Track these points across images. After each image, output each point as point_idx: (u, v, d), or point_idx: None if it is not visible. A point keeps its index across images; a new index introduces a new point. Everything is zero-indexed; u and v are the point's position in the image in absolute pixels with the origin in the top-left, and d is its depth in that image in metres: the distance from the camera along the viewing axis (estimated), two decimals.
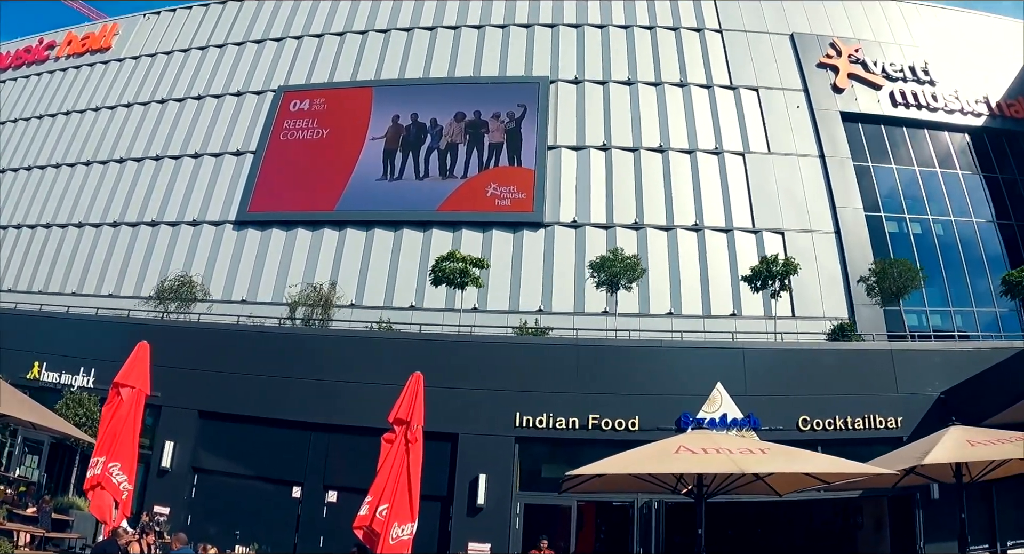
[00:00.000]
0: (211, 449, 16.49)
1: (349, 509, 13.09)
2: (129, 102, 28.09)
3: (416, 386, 9.12)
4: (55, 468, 18.03)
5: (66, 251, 25.84)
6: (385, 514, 8.36)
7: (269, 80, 25.65)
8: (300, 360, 16.30)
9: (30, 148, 29.72)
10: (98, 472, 8.65)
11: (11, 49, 35.32)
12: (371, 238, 21.64)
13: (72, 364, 18.09)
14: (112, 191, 26.01)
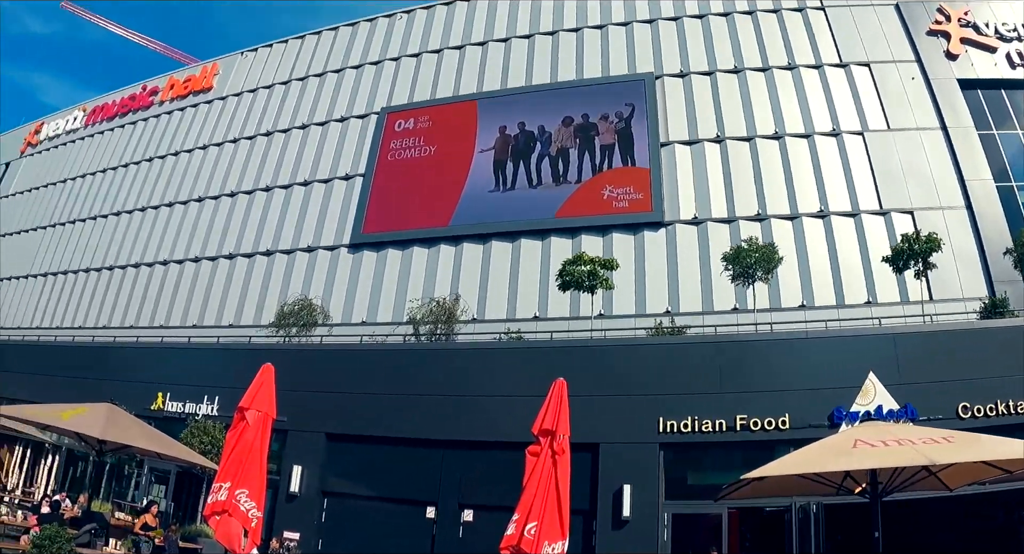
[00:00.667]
0: (340, 472, 17.57)
1: (486, 528, 14.23)
2: (235, 137, 31.59)
3: (560, 393, 9.12)
4: (182, 496, 20.01)
5: (184, 285, 29.33)
6: (534, 532, 8.34)
7: (371, 103, 28.45)
8: (427, 376, 17.28)
9: (143, 190, 33.82)
10: (222, 498, 8.75)
11: (116, 98, 40.12)
12: (488, 250, 23.57)
13: (195, 393, 20.16)
14: (226, 224, 29.30)
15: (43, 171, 43.50)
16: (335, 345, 21.07)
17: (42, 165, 44.30)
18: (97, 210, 36.18)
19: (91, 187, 37.99)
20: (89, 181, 38.39)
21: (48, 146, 44.89)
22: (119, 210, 34.57)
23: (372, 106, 28.59)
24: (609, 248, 22.21)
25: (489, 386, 16.29)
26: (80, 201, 38.06)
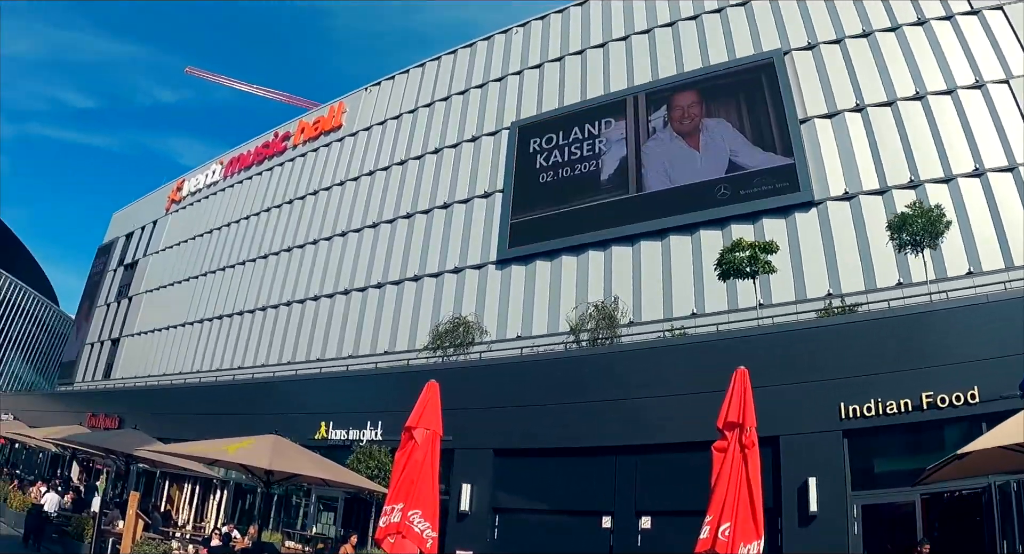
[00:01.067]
0: (510, 487, 17.89)
1: (666, 535, 14.80)
2: (371, 170, 34.73)
3: (743, 383, 8.99)
4: (351, 522, 21.08)
5: (337, 318, 32.62)
6: (728, 534, 8.24)
7: (500, 119, 30.72)
8: (591, 383, 17.69)
9: (286, 231, 37.66)
10: (396, 520, 9.10)
11: (250, 148, 44.41)
12: (638, 252, 24.95)
13: (358, 419, 21.69)
14: (371, 255, 32.38)
15: (189, 225, 48.65)
16: (495, 360, 22.10)
17: (187, 219, 49.51)
18: (244, 255, 40.38)
19: (236, 234, 42.37)
20: (234, 229, 42.78)
21: (191, 201, 50.11)
22: (266, 253, 38.44)
23: (502, 122, 30.83)
24: (761, 234, 22.70)
25: (656, 387, 16.36)
26: (227, 249, 42.56)
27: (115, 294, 56.05)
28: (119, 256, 58.41)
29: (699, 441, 11.33)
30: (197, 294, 43.84)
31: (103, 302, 57.46)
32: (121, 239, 59.40)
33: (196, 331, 42.10)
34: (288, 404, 24.83)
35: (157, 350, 45.45)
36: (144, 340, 48.07)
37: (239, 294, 39.62)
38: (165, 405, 31.04)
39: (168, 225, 52.12)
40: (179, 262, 47.89)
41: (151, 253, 52.80)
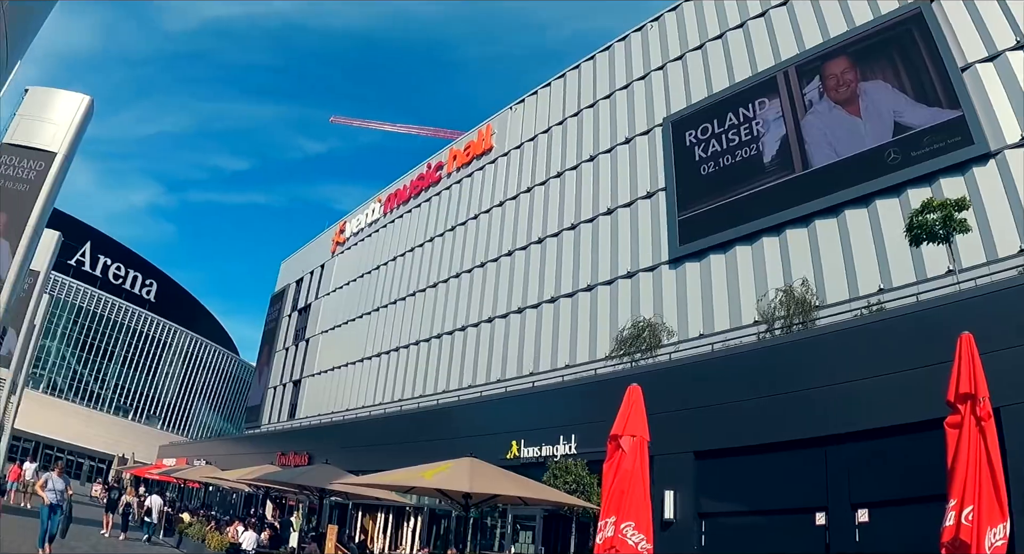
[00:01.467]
0: (713, 491, 17.75)
1: (887, 527, 14.09)
2: (528, 187, 37.24)
3: (970, 350, 8.46)
4: (551, 540, 21.46)
5: (513, 337, 35.40)
6: (972, 518, 7.85)
7: (652, 116, 32.34)
8: (793, 372, 17.31)
9: (452, 258, 41.58)
10: (610, 534, 9.12)
11: (406, 182, 48.46)
12: (813, 231, 25.62)
13: (550, 435, 22.10)
14: (541, 271, 34.94)
15: (355, 264, 53.41)
16: (685, 360, 22.05)
17: (353, 259, 54.30)
18: (414, 286, 44.34)
19: (402, 267, 46.41)
20: (400, 262, 46.85)
21: (355, 241, 54.87)
22: (434, 281, 42.01)
23: (653, 119, 32.34)
24: (940, 195, 21.73)
25: (865, 368, 15.59)
26: (395, 282, 46.83)
27: (292, 338, 61.87)
28: (292, 302, 64.33)
29: (918, 421, 11.80)
30: (371, 329, 48.15)
31: (281, 347, 63.54)
32: (292, 285, 65.37)
33: (374, 365, 46.25)
34: (476, 426, 26.11)
35: (338, 387, 50.20)
36: (325, 379, 53.04)
37: (412, 325, 43.35)
38: (352, 439, 33.79)
39: (335, 267, 57.20)
40: (350, 301, 52.62)
41: (322, 295, 58.01)
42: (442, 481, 13.04)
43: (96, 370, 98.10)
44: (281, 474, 24.07)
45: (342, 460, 26.10)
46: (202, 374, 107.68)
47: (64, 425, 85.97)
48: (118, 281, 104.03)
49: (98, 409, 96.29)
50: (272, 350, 65.71)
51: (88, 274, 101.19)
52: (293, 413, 56.48)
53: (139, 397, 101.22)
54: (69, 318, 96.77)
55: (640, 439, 9.78)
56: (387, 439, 30.44)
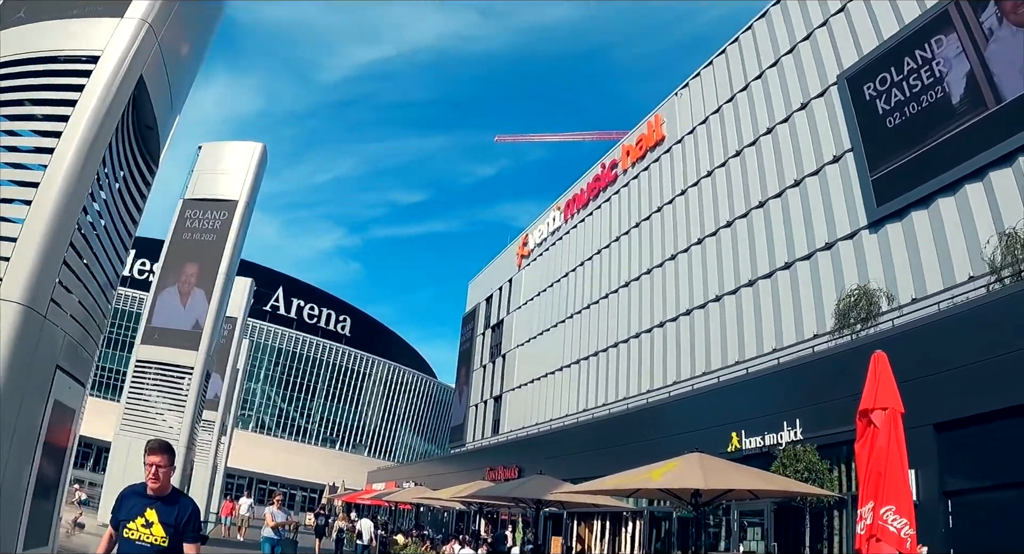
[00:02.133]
0: (959, 466, 16.84)
1: None
2: (708, 171, 38.35)
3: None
4: (783, 534, 20.79)
5: (714, 326, 36.52)
6: None
7: (824, 77, 32.56)
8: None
9: (641, 255, 43.61)
10: (869, 522, 8.66)
11: (582, 186, 50.56)
12: (1018, 170, 24.70)
13: (772, 422, 21.84)
14: (734, 255, 36.10)
15: (542, 275, 56.07)
16: (909, 325, 20.70)
17: (540, 270, 56.94)
18: (606, 288, 46.61)
19: (590, 271, 48.63)
20: (587, 266, 49.00)
21: (539, 252, 57.51)
22: (625, 280, 43.91)
23: (826, 79, 32.49)
24: None
25: None
26: (584, 287, 49.22)
27: (488, 355, 65.12)
28: (484, 320, 67.74)
29: None
30: (567, 337, 50.38)
31: (478, 365, 67.00)
32: (482, 304, 68.74)
33: (574, 373, 48.32)
34: (690, 422, 26.33)
35: (540, 398, 52.90)
36: (525, 392, 55.76)
37: (608, 327, 45.17)
38: (561, 448, 35.17)
39: (523, 280, 59.95)
40: (542, 312, 55.10)
41: (513, 310, 60.84)
42: (671, 480, 12.66)
43: (301, 406, 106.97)
44: (497, 488, 24.49)
45: (553, 470, 26.35)
46: (403, 400, 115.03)
47: (275, 460, 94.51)
48: (313, 320, 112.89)
49: (306, 442, 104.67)
50: (469, 369, 69.26)
51: (284, 317, 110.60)
52: (497, 428, 59.54)
53: (344, 428, 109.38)
54: (270, 360, 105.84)
55: (893, 412, 8.98)
56: (597, 445, 31.58)
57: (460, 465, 49.68)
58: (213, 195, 25.98)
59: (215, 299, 24.60)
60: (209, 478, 37.15)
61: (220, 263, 24.77)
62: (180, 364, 24.10)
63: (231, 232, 25.08)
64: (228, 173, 26.23)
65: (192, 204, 26.25)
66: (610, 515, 30.04)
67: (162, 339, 24.88)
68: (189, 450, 23.96)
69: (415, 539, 31.37)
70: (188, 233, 25.84)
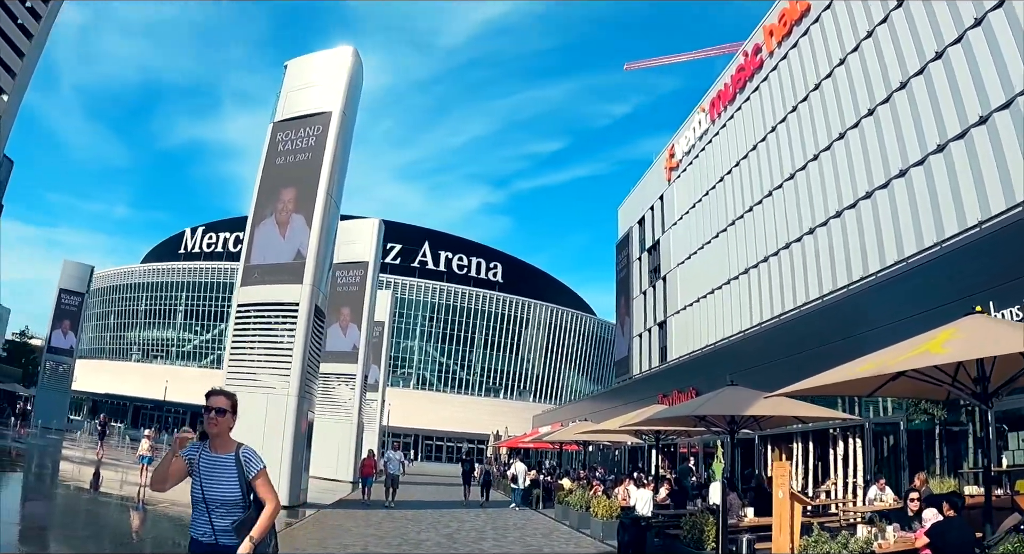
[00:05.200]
0: None
1: None
2: (868, 31, 35.26)
3: None
4: None
5: (903, 206, 32.92)
6: None
7: None
8: None
9: (803, 141, 40.54)
10: None
11: (725, 80, 48.16)
12: None
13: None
14: (915, 120, 32.43)
15: (695, 184, 53.85)
16: None
17: (692, 179, 54.56)
18: (768, 185, 44.17)
19: (747, 171, 46.12)
20: (743, 166, 46.70)
21: (688, 161, 55.05)
22: (790, 173, 41.47)
23: None
24: None
25: None
26: (743, 190, 46.95)
27: (647, 280, 63.34)
28: (638, 243, 65.89)
29: None
30: (731, 246, 47.92)
31: (638, 292, 65.36)
32: (634, 228, 66.85)
33: (743, 284, 45.94)
34: (908, 306, 21.07)
35: (708, 317, 50.83)
36: (691, 312, 53.76)
37: (777, 227, 42.47)
38: (744, 361, 31.94)
39: (675, 193, 57.66)
40: (700, 223, 52.73)
41: (668, 228, 58.73)
42: (961, 350, 8.28)
43: (460, 358, 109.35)
44: (678, 409, 19.53)
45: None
46: (563, 341, 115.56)
47: (439, 415, 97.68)
48: (463, 271, 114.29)
49: (469, 394, 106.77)
50: (629, 298, 67.77)
51: (433, 271, 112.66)
52: (664, 356, 57.76)
53: (506, 376, 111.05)
54: (424, 315, 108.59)
55: None
56: (789, 351, 28.13)
57: (627, 397, 48.04)
58: (303, 111, 24.67)
59: (316, 222, 23.31)
60: (355, 434, 37.94)
61: (319, 182, 23.52)
62: (284, 301, 23.23)
63: (327, 146, 23.75)
64: (317, 85, 24.85)
65: (282, 126, 24.97)
66: (812, 435, 26.06)
67: (262, 277, 23.90)
68: (302, 400, 22.97)
69: (583, 483, 28.98)
70: (281, 157, 24.70)
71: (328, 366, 38.56)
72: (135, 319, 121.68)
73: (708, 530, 13.76)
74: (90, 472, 28.57)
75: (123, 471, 29.86)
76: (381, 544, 16.07)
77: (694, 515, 15.03)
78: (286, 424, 22.16)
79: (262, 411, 21.85)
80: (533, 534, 21.05)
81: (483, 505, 30.90)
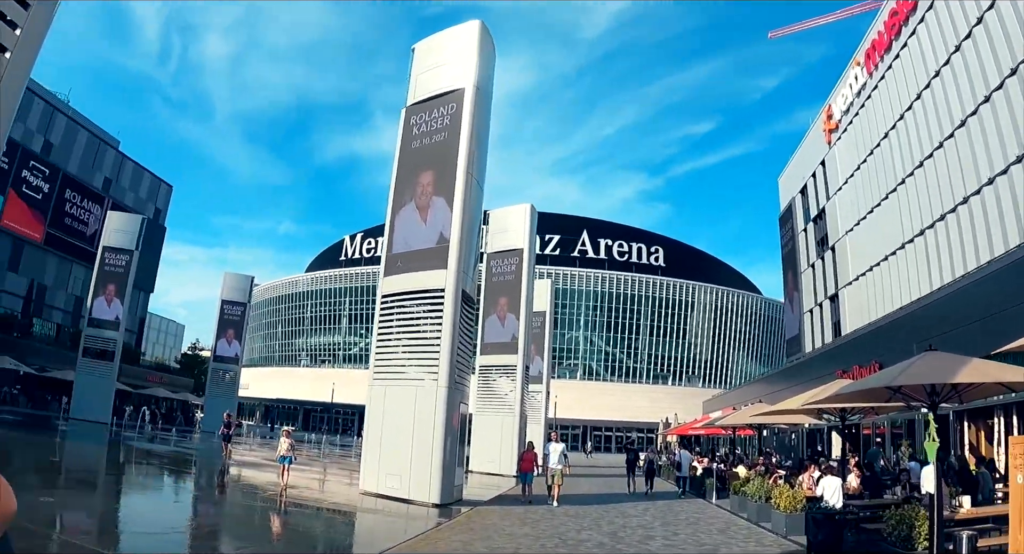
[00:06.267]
0: None
1: None
2: None
3: None
4: None
5: None
6: None
7: None
8: None
9: (972, 80, 36.64)
10: None
11: (879, 28, 45.53)
12: None
13: None
14: None
15: (858, 142, 51.35)
16: None
17: (854, 138, 52.03)
18: (939, 134, 40.80)
19: (915, 120, 42.96)
20: (910, 116, 43.65)
21: (848, 120, 52.39)
22: (962, 117, 37.61)
23: None
24: None
25: None
26: (912, 140, 43.39)
27: (814, 253, 60.37)
28: (802, 214, 63.13)
29: None
30: (902, 208, 44.95)
31: (805, 265, 62.48)
32: (796, 198, 64.06)
33: (920, 246, 42.87)
34: None
35: (884, 285, 47.79)
36: (864, 282, 50.82)
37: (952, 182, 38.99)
38: (928, 330, 29.06)
39: (837, 157, 54.79)
40: (866, 186, 49.81)
41: (833, 194, 55.89)
42: None
43: (626, 346, 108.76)
44: (871, 380, 15.87)
45: None
46: (730, 323, 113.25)
47: (608, 405, 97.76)
48: (623, 257, 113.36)
49: (636, 383, 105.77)
50: (796, 273, 65.07)
51: (593, 259, 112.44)
52: (838, 331, 54.83)
53: (673, 362, 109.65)
54: (587, 305, 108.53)
55: None
56: (982, 313, 25.64)
57: (801, 376, 45.92)
58: (435, 91, 24.04)
59: (458, 202, 22.36)
60: (517, 427, 37.20)
61: (457, 160, 22.65)
62: (429, 288, 22.33)
63: (463, 123, 22.88)
64: (447, 64, 24.19)
65: (415, 109, 24.54)
66: (1017, 408, 23.35)
67: (405, 265, 23.21)
68: (453, 391, 21.58)
69: (760, 470, 27.48)
70: (416, 140, 24.19)
71: (487, 358, 39.07)
72: (302, 326, 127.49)
73: (920, 525, 11.63)
74: (250, 474, 29.17)
75: (264, 471, 29.51)
76: (535, 546, 14.56)
77: (900, 507, 12.93)
78: (436, 418, 21.09)
79: (411, 406, 21.49)
80: (707, 530, 18.90)
81: (648, 495, 29.92)
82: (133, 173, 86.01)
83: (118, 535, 13.33)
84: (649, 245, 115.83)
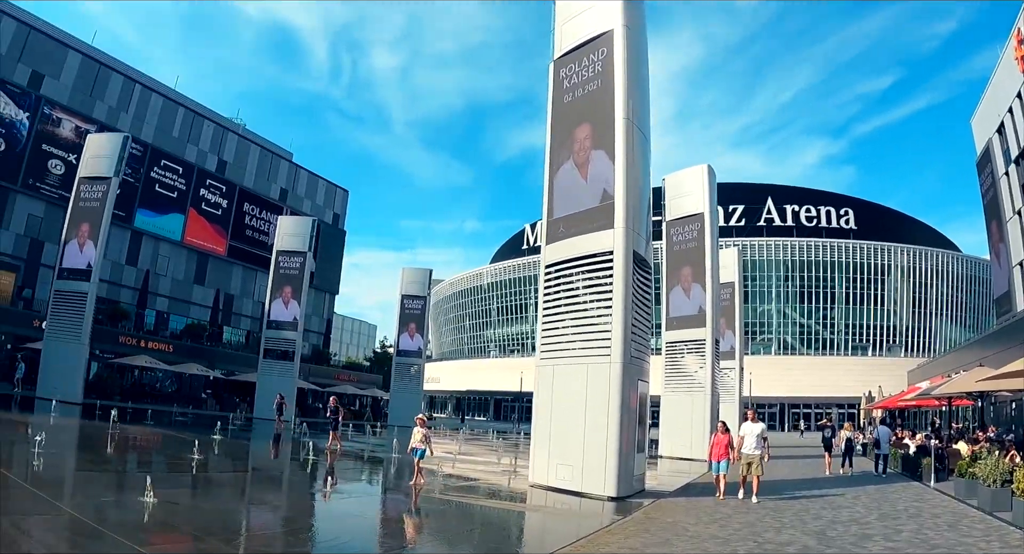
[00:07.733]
0: None
1: None
2: None
3: None
4: None
5: None
6: None
7: None
8: None
9: None
10: None
11: None
12: None
13: None
14: None
15: None
16: None
17: None
18: None
19: None
20: None
21: None
22: None
23: None
24: None
25: None
26: None
27: (1019, 198, 55.27)
28: (1002, 156, 57.85)
29: None
30: None
31: (1011, 212, 57.29)
32: (993, 139, 59.03)
33: None
34: None
35: None
36: None
37: None
38: None
39: None
40: None
41: None
42: None
43: (821, 316, 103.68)
44: None
45: None
46: (931, 286, 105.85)
47: (805, 381, 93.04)
48: (812, 223, 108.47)
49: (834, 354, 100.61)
50: (1001, 222, 59.66)
51: (780, 227, 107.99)
52: None
53: (872, 331, 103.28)
54: (777, 275, 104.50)
55: None
56: None
57: (1018, 336, 41.26)
58: (582, 38, 22.24)
59: (620, 153, 20.06)
60: (709, 406, 35.30)
61: (614, 107, 20.46)
62: (595, 252, 20.06)
63: (617, 67, 20.75)
64: (590, 8, 22.54)
65: (562, 62, 22.93)
66: None
67: (568, 229, 21.28)
68: (629, 367, 19.11)
69: (985, 447, 23.96)
70: (568, 94, 22.50)
71: (673, 334, 37.48)
72: (488, 318, 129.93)
73: None
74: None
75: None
76: (724, 552, 11.94)
77: None
78: (611, 397, 18.94)
79: (582, 386, 19.69)
80: (934, 525, 15.70)
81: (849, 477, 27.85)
82: (308, 182, 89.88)
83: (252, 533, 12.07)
84: (838, 207, 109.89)
